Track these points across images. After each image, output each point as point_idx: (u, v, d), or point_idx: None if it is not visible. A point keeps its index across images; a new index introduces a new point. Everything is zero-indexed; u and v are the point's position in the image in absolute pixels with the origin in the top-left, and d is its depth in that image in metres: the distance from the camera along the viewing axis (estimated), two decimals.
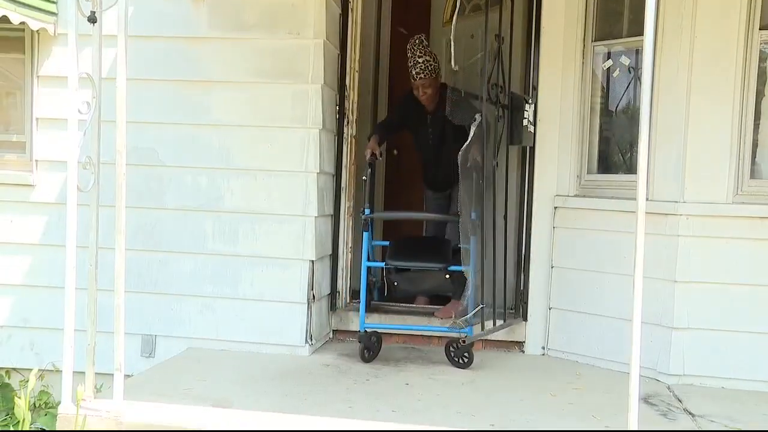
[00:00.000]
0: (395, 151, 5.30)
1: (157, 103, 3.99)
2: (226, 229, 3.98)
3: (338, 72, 4.21)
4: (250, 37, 3.91)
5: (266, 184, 3.92)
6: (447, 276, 3.42)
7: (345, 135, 4.25)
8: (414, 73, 3.95)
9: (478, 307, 3.58)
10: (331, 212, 4.24)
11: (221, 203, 3.96)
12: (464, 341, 3.66)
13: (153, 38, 3.97)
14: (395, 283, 3.67)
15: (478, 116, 3.63)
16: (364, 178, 3.90)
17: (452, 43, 3.49)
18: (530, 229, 4.12)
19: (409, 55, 3.97)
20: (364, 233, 3.75)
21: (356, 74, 4.30)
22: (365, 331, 3.76)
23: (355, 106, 4.32)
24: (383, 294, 4.03)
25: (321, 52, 3.87)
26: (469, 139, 3.55)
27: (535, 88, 4.07)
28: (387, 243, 4.09)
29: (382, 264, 3.72)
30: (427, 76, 3.94)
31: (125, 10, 2.66)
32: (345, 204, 4.29)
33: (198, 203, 3.98)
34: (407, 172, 5.07)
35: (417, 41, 3.94)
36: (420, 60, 3.93)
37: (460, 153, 3.53)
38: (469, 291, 3.51)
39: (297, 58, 3.86)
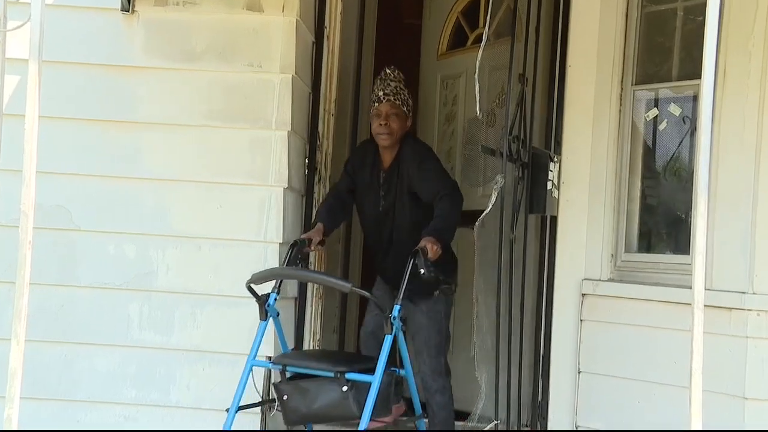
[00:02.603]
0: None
1: (72, 148, 3.90)
2: (158, 314, 3.87)
3: (309, 115, 4.18)
4: (199, 68, 3.87)
5: (213, 256, 3.84)
6: (345, 388, 3.07)
7: (315, 195, 4.16)
8: (381, 95, 3.73)
9: (492, 424, 3.45)
10: (295, 294, 4.10)
11: (153, 280, 3.87)
12: None
13: (69, 65, 3.88)
14: (284, 396, 3.21)
15: (500, 177, 3.55)
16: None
17: (477, 82, 3.42)
18: (551, 322, 4.07)
19: (377, 81, 3.80)
20: (260, 323, 3.37)
21: (331, 119, 4.27)
22: None
23: (329, 158, 4.28)
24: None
25: (288, 91, 3.84)
26: (489, 207, 3.50)
27: (560, 143, 4.07)
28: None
29: (268, 364, 3.39)
30: (396, 100, 3.71)
31: (40, 30, 2.50)
32: (314, 285, 4.17)
33: (122, 279, 3.88)
34: None
35: (394, 69, 3.83)
36: (392, 84, 3.76)
37: (476, 225, 3.48)
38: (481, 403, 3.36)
39: (258, 96, 3.84)
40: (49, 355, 3.85)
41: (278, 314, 3.41)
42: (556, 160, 4.01)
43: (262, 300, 3.34)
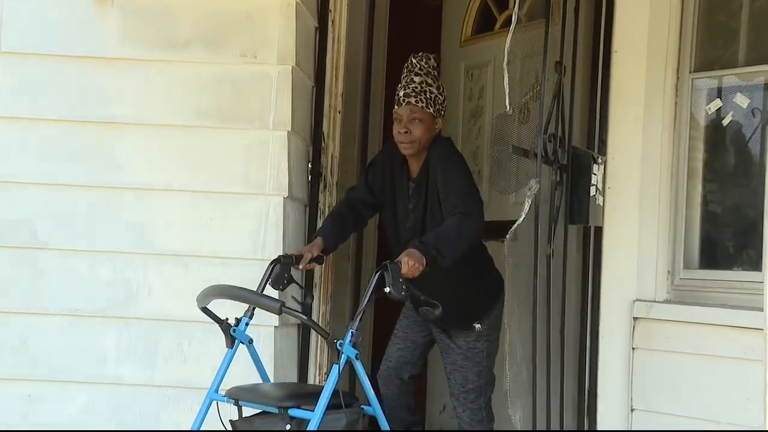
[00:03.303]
0: None
1: (36, 153, 3.83)
2: (139, 345, 3.77)
3: (312, 113, 4.11)
4: (184, 59, 3.79)
5: (203, 277, 3.68)
6: (288, 426, 3.04)
7: (320, 205, 4.06)
8: (401, 95, 3.51)
9: None
10: (298, 321, 3.89)
11: (133, 306, 3.78)
12: None
13: (32, 57, 3.81)
14: None
15: (533, 182, 3.47)
16: (281, 287, 3.43)
17: (506, 71, 3.30)
18: (596, 350, 3.98)
19: (404, 73, 3.60)
20: (227, 351, 3.32)
21: (338, 116, 4.16)
22: None
23: (336, 162, 4.14)
24: None
25: (288, 84, 3.76)
26: (522, 216, 3.41)
27: (605, 141, 3.98)
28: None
29: (224, 398, 3.30)
30: (418, 102, 3.47)
31: None
32: (319, 309, 4.03)
33: (96, 306, 3.78)
34: None
35: (423, 58, 3.58)
36: (416, 79, 3.50)
37: (508, 238, 3.41)
38: None
39: (253, 91, 3.78)
40: (11, 395, 3.80)
41: (251, 341, 3.34)
42: (600, 161, 3.89)
43: (224, 325, 3.27)
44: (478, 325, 3.49)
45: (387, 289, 3.02)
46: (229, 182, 3.75)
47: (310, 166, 4.05)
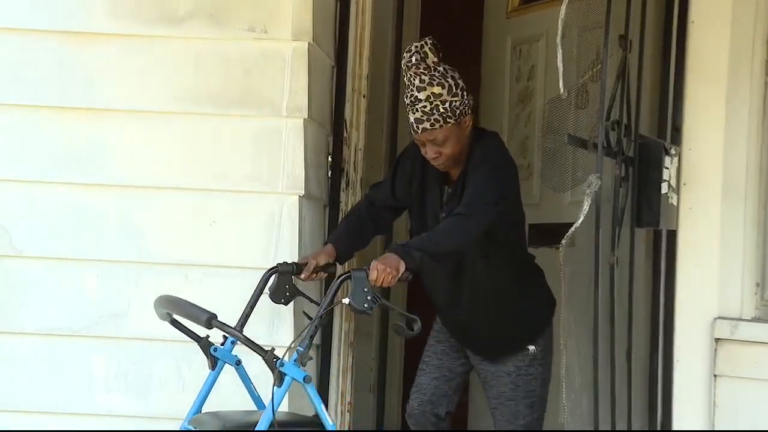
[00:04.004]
0: None
1: (9, 145, 3.75)
2: (131, 371, 3.67)
3: (332, 97, 4.03)
4: (183, 35, 3.70)
5: (205, 289, 3.63)
6: None
7: (342, 205, 3.98)
8: (412, 120, 3.33)
9: None
10: (317, 341, 3.82)
11: (124, 323, 3.68)
12: None
13: (3, 32, 3.74)
14: None
15: (593, 178, 3.33)
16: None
17: (559, 47, 3.20)
18: (670, 377, 3.85)
19: (404, 81, 3.40)
20: (209, 374, 3.31)
21: (362, 101, 4.05)
22: None
23: (360, 155, 4.07)
24: None
25: (304, 64, 3.67)
26: (580, 219, 3.28)
27: (679, 129, 3.85)
28: None
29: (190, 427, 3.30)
30: (434, 124, 3.26)
31: None
32: (341, 326, 3.95)
33: (81, 323, 3.70)
34: None
35: (417, 58, 3.30)
36: (421, 96, 3.25)
37: (563, 244, 3.26)
38: None
39: (263, 72, 3.70)
40: None
41: (239, 362, 3.30)
42: (674, 152, 3.79)
43: (203, 343, 3.22)
44: (532, 347, 3.32)
45: (346, 301, 2.89)
46: (236, 178, 3.69)
47: (330, 159, 4.00)
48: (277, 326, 3.76)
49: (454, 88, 3.25)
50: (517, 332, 3.37)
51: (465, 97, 3.30)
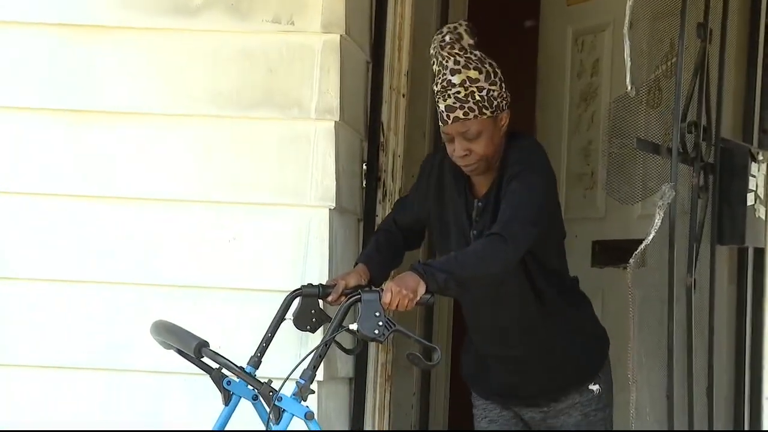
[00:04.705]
0: None
1: (5, 152, 3.70)
2: (138, 407, 3.57)
3: (367, 97, 3.95)
4: (200, 28, 3.64)
5: (223, 315, 3.57)
6: None
7: (378, 220, 3.89)
8: (443, 108, 3.21)
9: None
10: (350, 373, 3.81)
11: (130, 355, 3.58)
12: None
13: (5, 26, 3.69)
14: None
15: (667, 188, 3.29)
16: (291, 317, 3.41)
17: (627, 38, 3.17)
18: (758, 419, 3.88)
19: (434, 65, 3.29)
20: (224, 408, 3.25)
21: (402, 101, 3.98)
22: None
23: (399, 163, 4.00)
24: None
25: (336, 60, 3.60)
26: (651, 234, 3.24)
27: (767, 132, 3.91)
28: None
29: None
30: (468, 114, 3.11)
31: None
32: (377, 357, 3.85)
33: (84, 356, 3.61)
34: None
35: (451, 37, 3.19)
36: (455, 80, 3.13)
37: (632, 263, 3.20)
38: None
39: (289, 69, 3.63)
40: None
41: (255, 396, 3.19)
42: (761, 158, 3.74)
43: (215, 375, 3.11)
44: (596, 387, 3.18)
45: (353, 326, 2.80)
46: (259, 189, 3.60)
47: (364, 167, 3.90)
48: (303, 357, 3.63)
49: (492, 76, 3.12)
50: (579, 369, 3.24)
51: (503, 89, 3.16)
